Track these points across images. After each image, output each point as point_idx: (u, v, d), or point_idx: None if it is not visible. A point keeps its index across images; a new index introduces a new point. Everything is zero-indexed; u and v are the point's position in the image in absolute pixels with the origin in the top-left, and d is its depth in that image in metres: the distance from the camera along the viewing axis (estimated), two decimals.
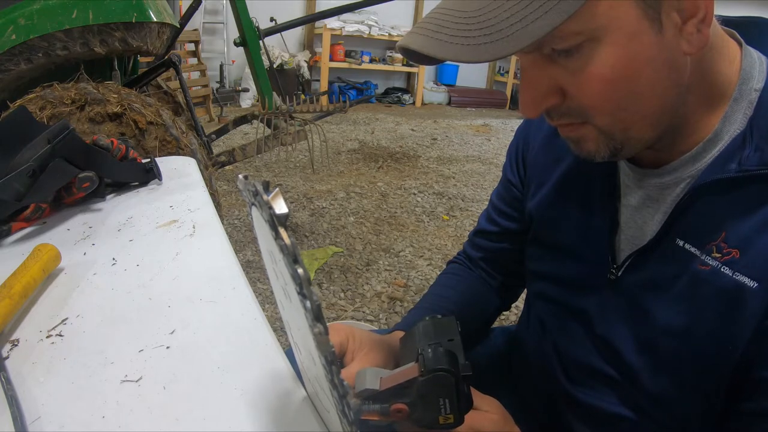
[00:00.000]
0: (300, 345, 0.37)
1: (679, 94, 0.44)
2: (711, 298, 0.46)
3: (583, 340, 0.59)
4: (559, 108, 0.45)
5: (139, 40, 1.56)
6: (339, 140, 4.18)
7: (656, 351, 0.51)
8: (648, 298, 0.51)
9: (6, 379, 0.41)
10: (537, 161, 0.65)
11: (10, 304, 0.47)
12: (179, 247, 0.63)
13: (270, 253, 0.34)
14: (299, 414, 0.41)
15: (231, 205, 2.63)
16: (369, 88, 6.40)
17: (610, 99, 0.42)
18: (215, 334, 0.48)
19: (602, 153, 0.46)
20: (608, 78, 0.40)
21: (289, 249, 0.27)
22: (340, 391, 0.29)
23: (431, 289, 0.77)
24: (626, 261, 0.53)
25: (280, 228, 0.28)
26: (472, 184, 3.35)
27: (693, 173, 0.48)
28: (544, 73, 0.43)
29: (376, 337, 0.57)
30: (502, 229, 0.73)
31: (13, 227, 0.67)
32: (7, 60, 1.42)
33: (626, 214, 0.54)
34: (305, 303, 0.27)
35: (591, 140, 0.46)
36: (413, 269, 2.15)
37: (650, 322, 0.51)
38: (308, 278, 0.27)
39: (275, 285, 0.38)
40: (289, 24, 2.59)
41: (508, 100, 7.25)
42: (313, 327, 0.27)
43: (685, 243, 0.48)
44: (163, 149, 1.39)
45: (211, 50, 5.37)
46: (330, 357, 0.28)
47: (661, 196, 0.51)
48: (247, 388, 0.42)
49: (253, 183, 0.31)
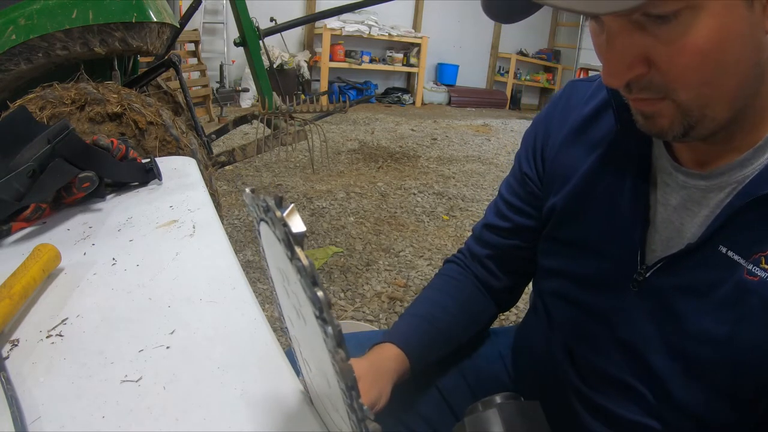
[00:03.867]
0: (311, 364, 0.36)
1: (757, 75, 0.43)
2: (758, 308, 0.45)
3: (602, 343, 0.57)
4: (642, 80, 0.42)
5: (139, 40, 1.56)
6: (339, 140, 4.18)
7: (688, 358, 0.50)
8: (682, 303, 0.50)
9: (6, 379, 0.41)
10: (562, 156, 0.62)
11: (10, 304, 0.47)
12: (179, 247, 0.63)
13: (281, 271, 0.32)
14: (299, 414, 0.41)
15: (231, 205, 2.63)
16: (369, 88, 6.41)
17: (698, 72, 0.40)
18: (215, 334, 0.48)
19: (675, 130, 0.44)
20: (702, 49, 0.39)
21: (308, 271, 0.25)
22: (359, 415, 0.28)
23: (425, 292, 0.74)
24: (658, 263, 0.52)
25: (297, 248, 0.26)
26: (472, 184, 3.34)
27: (739, 179, 0.47)
28: (633, 41, 0.40)
29: (359, 368, 0.56)
30: (515, 225, 0.69)
31: (13, 227, 0.67)
32: (7, 60, 1.42)
33: (663, 214, 0.53)
34: (326, 329, 0.25)
35: (667, 116, 0.44)
36: (413, 269, 2.15)
37: (683, 328, 0.49)
38: (329, 302, 0.25)
39: (284, 302, 0.36)
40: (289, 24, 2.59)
41: (508, 100, 7.25)
42: (335, 354, 0.26)
43: (728, 250, 0.47)
44: (163, 149, 1.39)
45: (211, 50, 5.37)
46: (351, 383, 0.26)
47: (704, 199, 0.49)
48: (247, 388, 0.42)
49: (264, 198, 0.29)
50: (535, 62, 7.50)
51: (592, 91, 0.61)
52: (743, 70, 0.41)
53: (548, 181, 0.64)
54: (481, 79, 7.62)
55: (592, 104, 0.60)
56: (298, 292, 0.28)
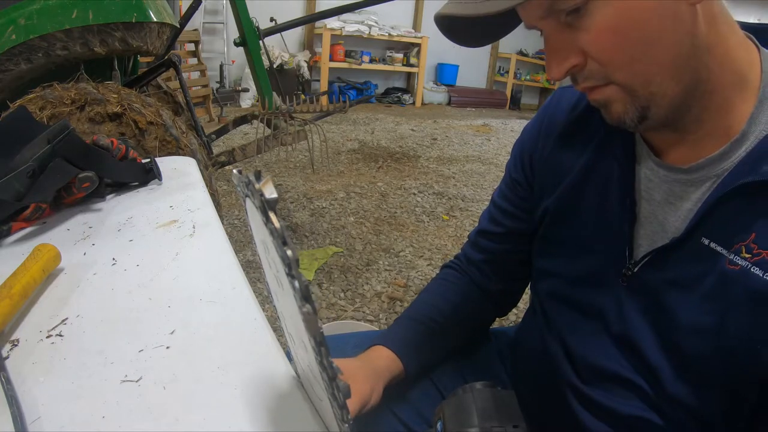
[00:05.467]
0: (293, 334, 0.37)
1: (694, 46, 0.44)
2: (741, 297, 0.46)
3: (597, 339, 0.58)
4: (582, 71, 0.47)
5: (139, 40, 1.56)
6: (339, 140, 4.18)
7: (680, 350, 0.50)
8: (670, 296, 0.51)
9: (6, 379, 0.41)
10: (553, 159, 0.64)
11: (10, 304, 0.47)
12: (179, 247, 0.63)
13: (263, 242, 0.34)
14: (299, 414, 0.41)
15: (231, 205, 2.63)
16: (369, 88, 6.41)
17: (623, 50, 0.44)
18: (215, 334, 0.48)
19: (630, 114, 0.47)
20: (617, 29, 0.43)
21: (279, 232, 0.28)
22: (329, 373, 0.29)
23: (421, 296, 0.75)
24: (645, 257, 0.53)
25: (271, 213, 0.28)
26: (472, 184, 3.35)
27: (719, 172, 0.48)
28: (563, 37, 0.46)
29: (354, 365, 0.56)
30: (507, 230, 0.72)
31: (13, 227, 0.67)
32: (7, 60, 1.42)
33: (647, 209, 0.54)
34: (294, 283, 0.28)
35: (617, 101, 0.47)
36: (413, 269, 2.15)
37: (674, 321, 0.50)
38: (297, 259, 0.27)
39: (269, 275, 0.38)
40: (289, 24, 2.59)
41: (507, 100, 7.25)
42: (301, 307, 0.28)
43: (710, 242, 0.48)
44: (163, 149, 1.39)
45: (211, 50, 5.37)
46: (318, 338, 0.28)
47: (684, 193, 0.51)
48: (247, 388, 0.42)
49: (246, 174, 0.32)
50: (535, 62, 7.50)
51: (580, 95, 0.63)
52: (671, 42, 0.43)
53: (540, 185, 0.66)
54: (481, 79, 7.62)
55: (580, 108, 0.62)
56: (274, 258, 0.30)
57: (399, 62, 6.53)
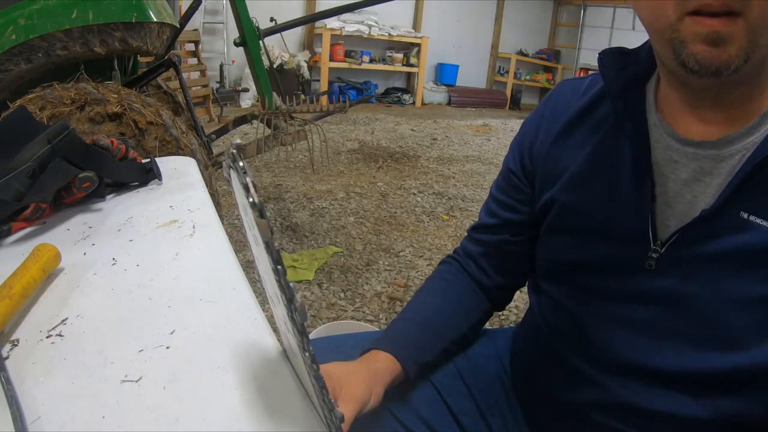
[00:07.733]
0: (270, 292, 0.38)
1: None
2: None
3: (623, 330, 0.56)
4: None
5: (139, 40, 1.56)
6: (339, 140, 4.18)
7: (728, 325, 0.50)
8: (712, 272, 0.50)
9: (6, 379, 0.41)
10: (557, 149, 0.63)
11: (10, 304, 0.47)
12: (179, 247, 0.63)
13: (242, 206, 0.36)
14: (299, 414, 0.41)
15: (231, 205, 2.63)
16: (369, 88, 6.41)
17: None
18: (215, 334, 0.48)
19: (739, 60, 0.43)
20: None
21: (247, 184, 0.30)
22: (287, 294, 0.29)
23: (416, 296, 0.75)
24: (674, 235, 0.52)
25: (239, 161, 0.32)
26: (472, 184, 3.35)
27: (748, 146, 0.48)
28: None
29: (351, 368, 0.56)
30: (503, 221, 0.71)
31: (13, 227, 0.67)
32: (7, 60, 1.42)
33: (674, 189, 0.54)
34: (252, 203, 0.30)
35: (737, 40, 0.43)
36: (413, 269, 2.15)
37: (718, 296, 0.50)
38: (262, 204, 0.30)
39: (250, 238, 0.40)
40: (289, 24, 2.59)
41: (507, 100, 7.25)
42: (257, 219, 0.30)
43: (749, 215, 0.48)
44: (163, 149, 1.39)
45: (211, 50, 5.37)
46: (270, 244, 0.29)
47: (714, 169, 0.51)
48: (247, 388, 0.42)
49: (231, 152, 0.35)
50: (535, 62, 7.50)
51: (586, 86, 0.63)
52: None
53: (542, 177, 0.66)
54: (481, 79, 7.62)
55: (587, 97, 0.61)
56: (249, 212, 0.32)
57: (399, 62, 6.53)
